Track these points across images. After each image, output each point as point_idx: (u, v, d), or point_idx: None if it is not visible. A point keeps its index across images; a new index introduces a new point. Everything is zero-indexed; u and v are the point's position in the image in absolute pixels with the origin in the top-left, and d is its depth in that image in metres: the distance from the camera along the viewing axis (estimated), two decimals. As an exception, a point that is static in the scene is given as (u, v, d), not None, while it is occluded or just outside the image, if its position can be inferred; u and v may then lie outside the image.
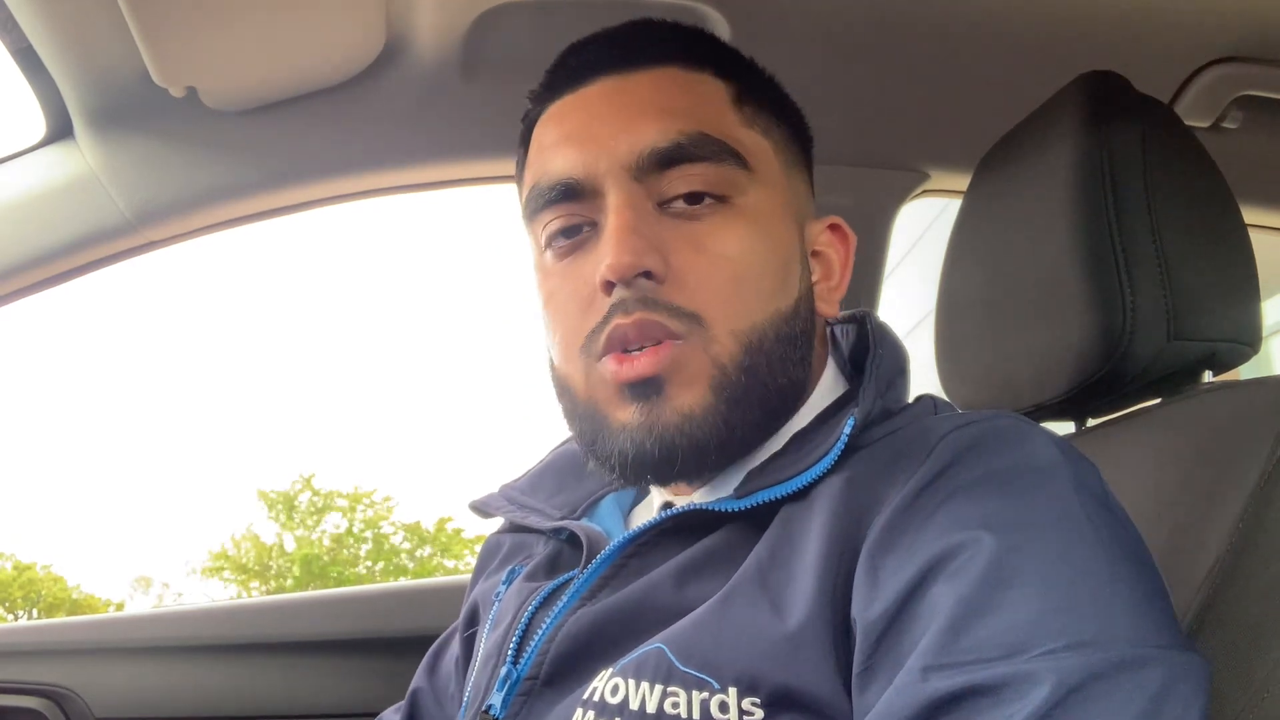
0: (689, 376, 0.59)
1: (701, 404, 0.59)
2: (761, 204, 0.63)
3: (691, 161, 0.61)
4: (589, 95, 0.65)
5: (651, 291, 0.59)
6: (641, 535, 0.62)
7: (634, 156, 0.61)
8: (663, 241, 0.60)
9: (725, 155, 0.62)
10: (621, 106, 0.63)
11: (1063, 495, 0.51)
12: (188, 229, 1.06)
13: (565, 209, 0.63)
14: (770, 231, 0.63)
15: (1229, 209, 0.75)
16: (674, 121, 0.62)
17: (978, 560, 0.47)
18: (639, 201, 0.61)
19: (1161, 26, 0.99)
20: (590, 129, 0.63)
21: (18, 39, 0.91)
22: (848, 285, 0.69)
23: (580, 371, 0.62)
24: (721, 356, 0.60)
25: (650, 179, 0.61)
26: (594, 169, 0.62)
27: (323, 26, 0.93)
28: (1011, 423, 0.56)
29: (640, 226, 0.60)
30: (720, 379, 0.59)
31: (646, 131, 0.61)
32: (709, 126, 0.62)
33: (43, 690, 1.21)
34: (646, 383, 0.59)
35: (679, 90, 0.64)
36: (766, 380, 0.61)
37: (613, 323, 0.59)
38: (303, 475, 16.92)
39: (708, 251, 0.61)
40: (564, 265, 0.64)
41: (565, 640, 0.59)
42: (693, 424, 0.59)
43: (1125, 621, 0.45)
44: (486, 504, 0.77)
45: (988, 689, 0.43)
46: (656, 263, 0.59)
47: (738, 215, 0.62)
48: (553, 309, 0.65)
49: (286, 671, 1.26)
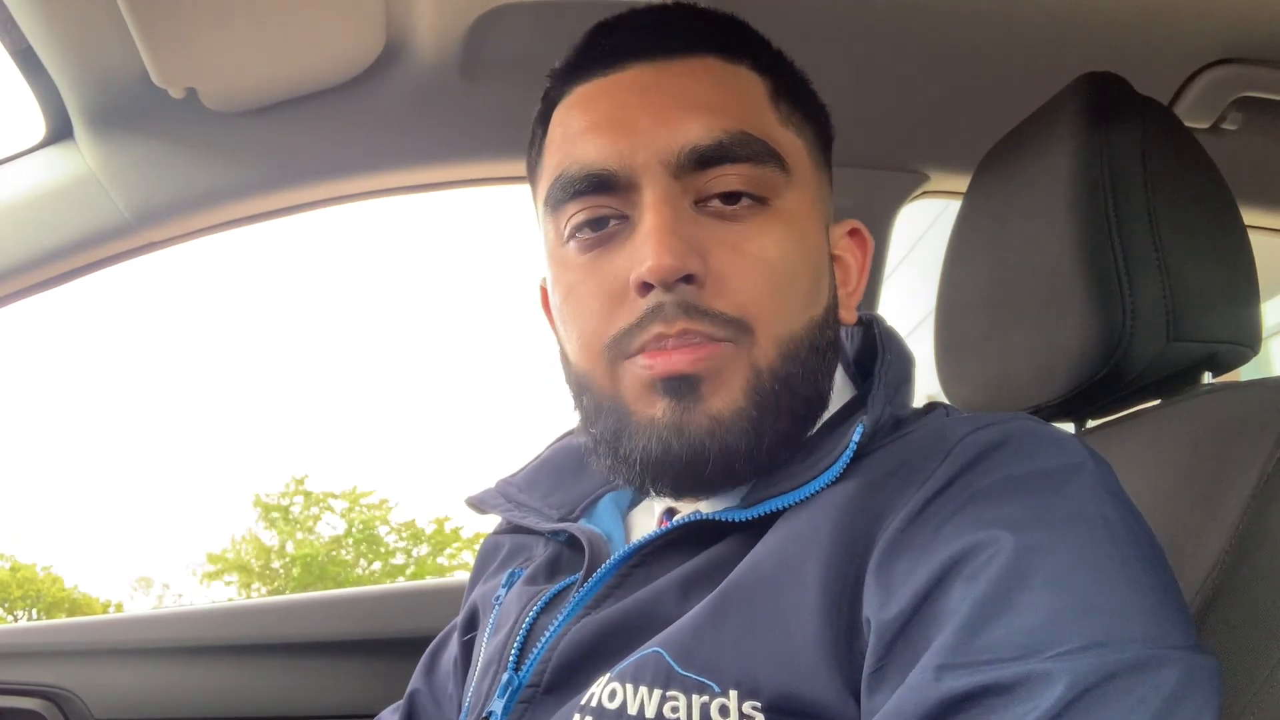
0: (726, 379, 0.57)
1: (733, 410, 0.57)
2: (797, 206, 0.61)
3: (733, 161, 0.59)
4: (622, 81, 0.62)
5: (692, 296, 0.57)
6: (647, 545, 0.61)
7: (673, 152, 0.58)
8: (701, 242, 0.58)
9: (766, 156, 0.60)
10: (659, 96, 0.60)
11: (1082, 497, 0.50)
12: (187, 230, 1.06)
13: (595, 200, 0.60)
14: (805, 236, 0.62)
15: (1229, 210, 0.75)
16: (717, 118, 0.59)
17: (994, 562, 0.47)
18: (676, 199, 0.58)
19: (1161, 27, 0.99)
20: (626, 117, 0.60)
21: (17, 40, 0.91)
22: (863, 291, 0.68)
23: (604, 369, 0.60)
24: (761, 363, 0.58)
25: (688, 176, 0.59)
26: (630, 161, 0.59)
27: (322, 28, 0.93)
28: (1029, 425, 0.55)
29: (679, 226, 0.57)
30: (756, 385, 0.58)
31: (688, 127, 0.59)
32: (750, 125, 0.60)
33: (42, 691, 1.21)
34: (682, 380, 0.57)
35: (718, 84, 0.61)
36: (799, 390, 0.60)
37: (653, 329, 0.57)
38: (295, 478, 16.82)
39: (748, 254, 0.58)
40: (589, 259, 0.61)
41: (568, 649, 0.58)
42: (723, 428, 0.57)
43: (1141, 622, 0.45)
44: (483, 500, 0.76)
45: (1002, 688, 0.43)
46: (698, 265, 0.57)
47: (775, 217, 0.60)
48: (573, 304, 0.62)
49: (286, 672, 1.26)
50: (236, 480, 27.31)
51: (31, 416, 27.70)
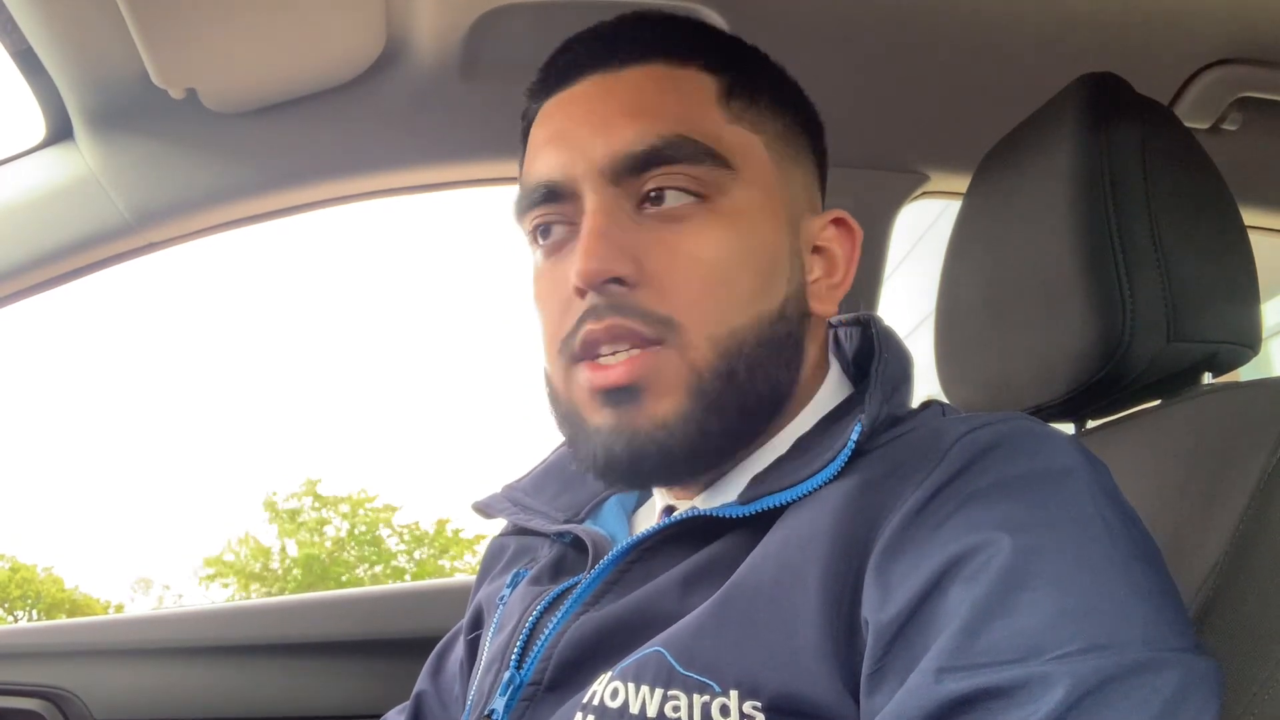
0: (665, 384, 0.59)
1: (677, 411, 0.59)
2: (745, 203, 0.62)
3: (669, 164, 0.60)
4: (575, 95, 0.65)
5: (623, 297, 0.59)
6: (645, 541, 0.61)
7: (609, 160, 0.60)
8: (638, 245, 0.60)
9: (703, 156, 0.61)
10: (601, 108, 0.63)
11: (1079, 498, 0.50)
12: (188, 230, 1.06)
13: (546, 209, 0.63)
14: (753, 231, 0.62)
15: (1229, 211, 0.75)
16: (651, 123, 0.61)
17: (993, 563, 0.47)
18: (615, 205, 0.61)
19: (1161, 28, 0.99)
20: (570, 131, 0.63)
21: (18, 41, 0.91)
22: (851, 282, 0.68)
23: (560, 372, 0.63)
24: (698, 363, 0.59)
25: (627, 181, 0.61)
26: (572, 172, 0.61)
27: (323, 28, 0.93)
28: (1026, 425, 0.55)
29: (612, 231, 0.59)
30: (697, 385, 0.59)
31: (623, 134, 0.61)
32: (689, 127, 0.61)
33: (42, 692, 1.21)
34: (621, 391, 0.59)
35: (660, 89, 0.63)
36: (746, 386, 0.60)
37: (585, 328, 0.59)
38: (309, 480, 16.85)
39: (684, 254, 0.60)
40: (547, 266, 0.64)
41: (568, 646, 0.59)
42: (664, 431, 0.59)
43: (1141, 625, 0.45)
44: (489, 505, 0.77)
45: (1002, 691, 0.43)
46: (627, 268, 0.59)
47: (717, 216, 0.61)
48: (539, 310, 0.65)
49: (287, 673, 1.26)
50: (237, 481, 27.33)
51: (33, 417, 27.71)
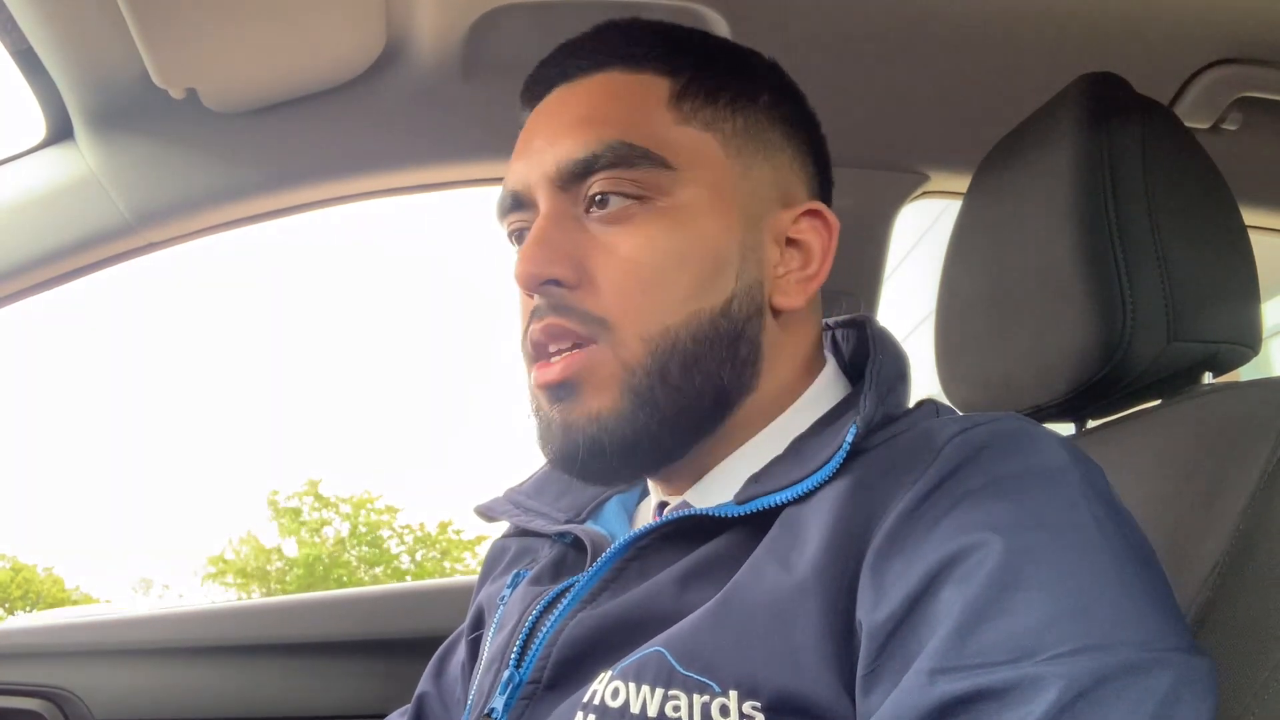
0: (600, 381, 0.61)
1: (610, 407, 0.61)
2: (690, 202, 0.63)
3: (607, 169, 0.62)
4: (542, 108, 0.68)
5: (562, 298, 0.61)
6: (641, 539, 0.61)
7: (555, 168, 0.63)
8: (580, 247, 0.62)
9: (640, 159, 0.62)
10: (557, 119, 0.66)
11: (1070, 499, 0.50)
12: (188, 230, 1.06)
13: (513, 217, 0.67)
14: (695, 229, 0.62)
15: (1229, 210, 0.75)
16: (594, 131, 0.63)
17: (986, 564, 0.47)
18: (562, 210, 0.63)
19: (1161, 28, 0.99)
20: (530, 143, 0.66)
21: (18, 40, 0.91)
22: (827, 274, 0.67)
23: (526, 369, 0.66)
24: (630, 360, 0.60)
25: (573, 188, 0.63)
26: (528, 180, 0.65)
27: (323, 28, 0.93)
28: (1017, 425, 0.56)
29: (554, 235, 0.62)
30: (629, 382, 0.60)
31: (568, 144, 0.63)
32: (631, 132, 0.63)
33: (42, 692, 1.21)
34: (559, 386, 0.62)
35: (610, 96, 0.65)
36: (681, 383, 0.61)
37: (530, 327, 0.63)
38: (310, 480, 16.84)
39: (616, 255, 0.62)
40: None
41: (566, 644, 0.59)
42: (596, 426, 0.61)
43: (1134, 625, 0.45)
44: (491, 508, 0.77)
45: (995, 692, 0.43)
46: (564, 271, 0.61)
47: (657, 216, 0.62)
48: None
49: (287, 673, 1.26)
50: (238, 481, 27.34)
51: (33, 417, 27.73)
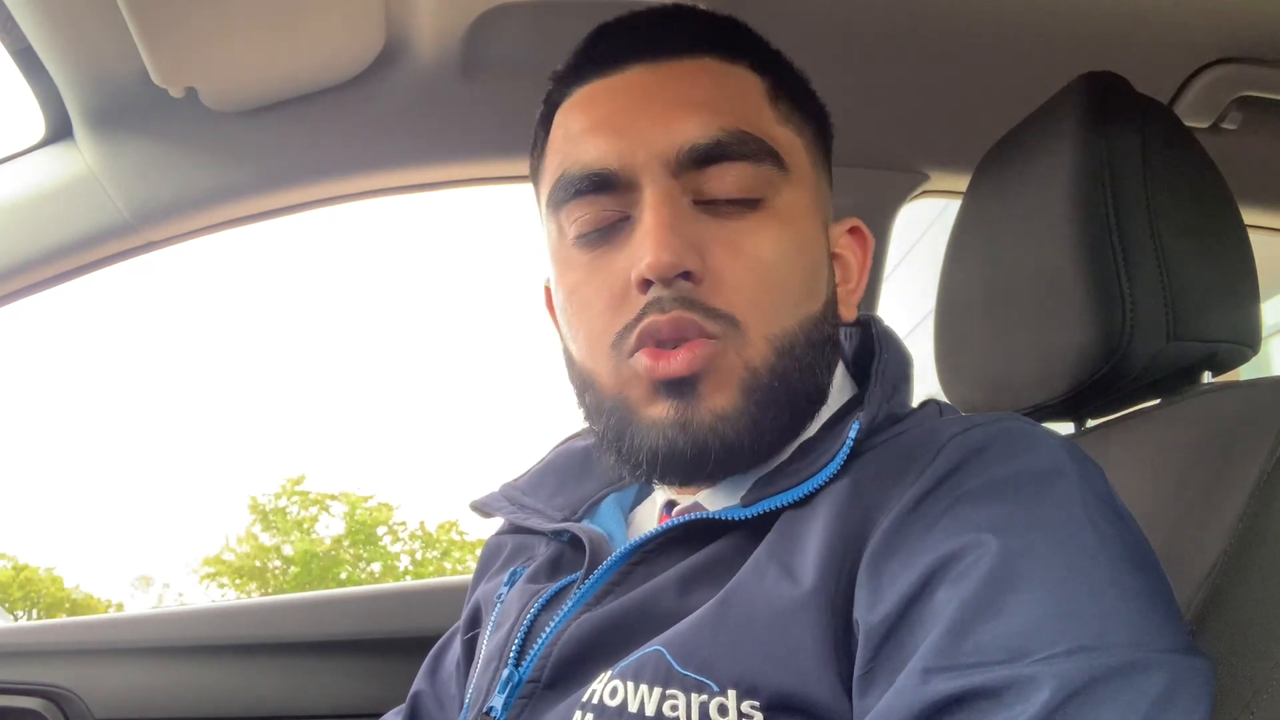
0: (722, 378, 0.59)
1: (734, 406, 0.59)
2: (794, 205, 0.62)
3: (731, 159, 0.60)
4: (623, 82, 0.63)
5: (689, 292, 0.58)
6: (648, 542, 0.61)
7: (673, 151, 0.59)
8: (699, 240, 0.59)
9: (764, 155, 0.61)
10: (659, 97, 0.61)
11: (1068, 499, 0.50)
12: (187, 229, 1.06)
13: (596, 200, 0.61)
14: (802, 234, 0.63)
15: (1228, 209, 0.75)
16: (714, 117, 0.60)
17: (982, 564, 0.47)
18: (676, 198, 0.60)
19: (1161, 27, 0.99)
20: (625, 118, 0.61)
21: (17, 39, 0.91)
22: (864, 290, 0.69)
23: (609, 367, 0.61)
24: (754, 360, 0.59)
25: (687, 175, 0.60)
26: (630, 160, 0.60)
27: (322, 27, 0.93)
28: (1017, 425, 0.56)
29: (678, 224, 0.59)
30: (752, 382, 0.59)
31: (686, 126, 0.60)
32: (748, 123, 0.61)
33: (42, 691, 1.21)
34: (681, 381, 0.58)
35: (716, 83, 0.62)
36: (796, 385, 0.61)
37: (648, 318, 0.58)
38: (290, 479, 16.75)
39: (743, 253, 0.59)
40: (591, 258, 0.62)
41: (568, 645, 0.59)
42: (725, 424, 0.58)
43: (1129, 625, 0.45)
44: (487, 504, 0.77)
45: (988, 692, 0.43)
46: (695, 263, 0.58)
47: (772, 216, 0.61)
48: (577, 303, 0.63)
49: (286, 672, 1.26)
50: (239, 479, 27.34)
51: (32, 417, 27.71)
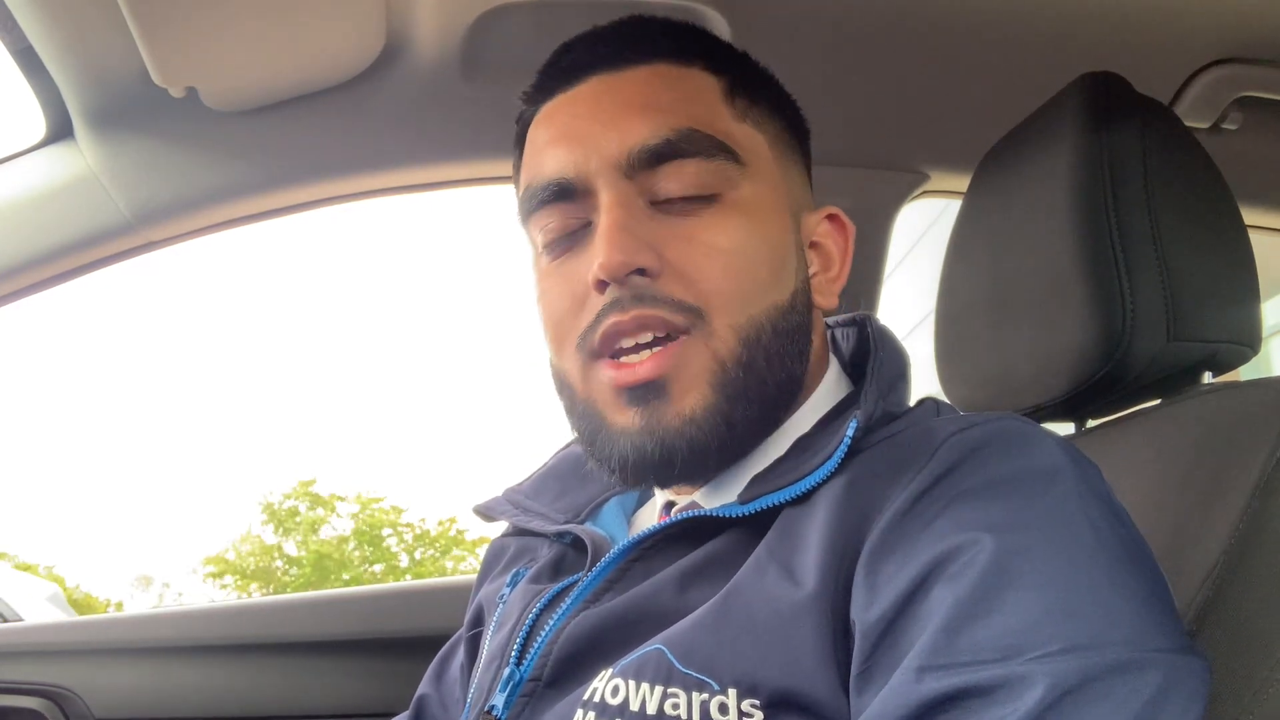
0: (691, 376, 0.59)
1: (703, 405, 0.59)
2: (754, 198, 0.63)
3: (683, 158, 0.61)
4: (580, 94, 0.65)
5: (647, 287, 0.59)
6: (645, 540, 0.62)
7: (624, 154, 0.61)
8: (656, 237, 0.60)
9: (716, 151, 0.62)
10: (611, 104, 0.63)
11: (1065, 499, 0.50)
12: (188, 229, 1.06)
13: (558, 209, 0.63)
14: (764, 225, 0.63)
15: (1229, 210, 0.75)
16: (664, 118, 0.62)
17: (977, 563, 0.47)
18: (630, 199, 0.61)
19: (1161, 27, 0.99)
20: (580, 128, 0.63)
21: (18, 39, 0.91)
22: (848, 276, 0.69)
23: (577, 369, 0.63)
24: (721, 352, 0.60)
25: (642, 176, 0.61)
26: (585, 168, 0.62)
27: (323, 27, 0.93)
28: (1014, 425, 0.56)
29: (632, 224, 0.60)
30: (721, 375, 0.60)
31: (636, 129, 0.61)
32: (699, 122, 0.62)
33: (43, 690, 1.21)
34: (648, 386, 0.59)
35: (668, 86, 0.64)
36: (765, 376, 0.61)
37: (608, 320, 0.59)
38: (301, 481, 16.74)
39: (702, 243, 0.61)
40: (558, 264, 0.64)
41: (568, 642, 0.59)
42: (694, 426, 0.59)
43: (1123, 625, 0.45)
44: (490, 508, 0.77)
45: (982, 690, 0.43)
46: (650, 259, 0.59)
47: (731, 209, 0.62)
48: (545, 307, 0.65)
49: (287, 672, 1.26)
50: (239, 479, 27.35)
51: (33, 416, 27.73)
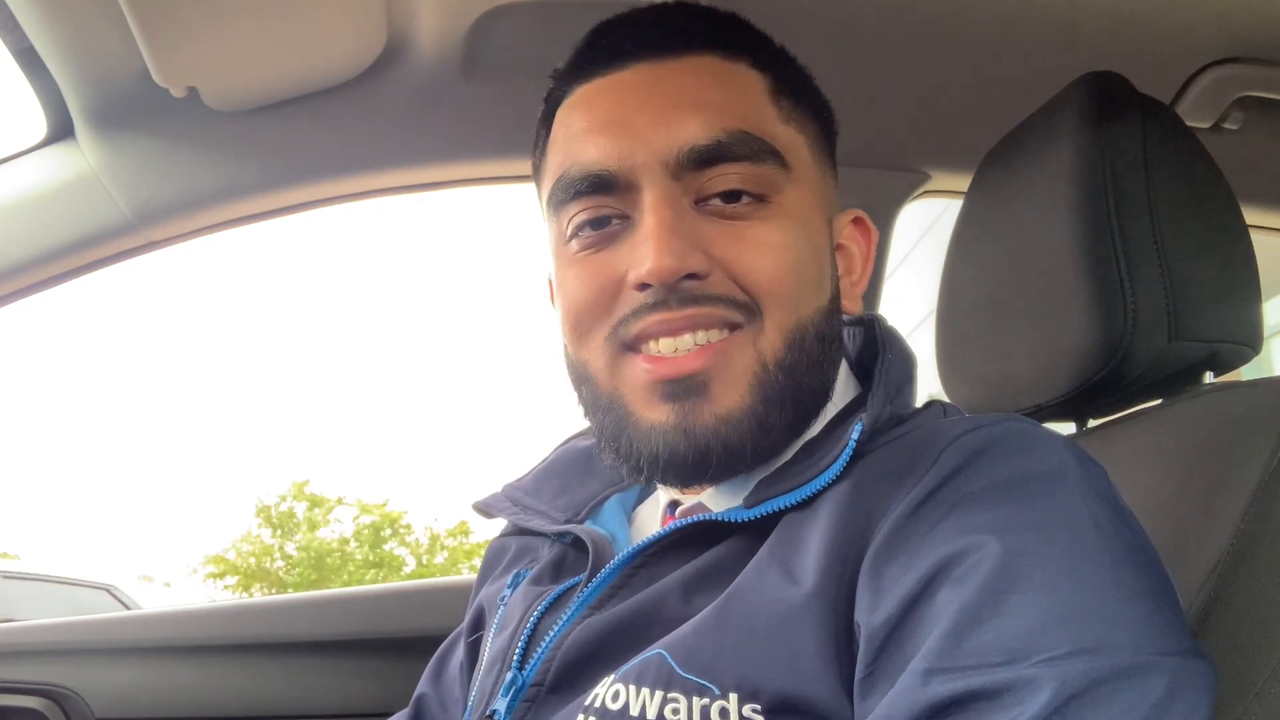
0: (734, 376, 0.58)
1: (740, 406, 0.58)
2: (798, 201, 0.62)
3: (732, 161, 0.59)
4: (624, 81, 0.62)
5: (698, 289, 0.58)
6: (650, 546, 0.61)
7: (673, 152, 0.59)
8: (703, 237, 0.59)
9: (766, 155, 0.60)
10: (659, 96, 0.60)
11: (1070, 501, 0.50)
12: (189, 229, 1.06)
13: (596, 200, 0.61)
14: (807, 228, 0.62)
15: (1230, 210, 0.75)
16: (715, 117, 0.60)
17: (983, 565, 0.47)
18: (676, 198, 0.59)
19: (1162, 27, 0.99)
20: (625, 118, 0.60)
21: (19, 39, 0.91)
22: (868, 281, 0.69)
23: (604, 361, 0.61)
24: (766, 353, 0.59)
25: (688, 176, 0.59)
26: (629, 161, 0.59)
27: (323, 27, 0.93)
28: (1019, 427, 0.55)
29: (679, 226, 0.58)
30: (762, 377, 0.58)
31: (686, 126, 0.59)
32: (749, 123, 0.60)
33: (43, 690, 1.21)
34: (689, 381, 0.58)
35: (718, 82, 0.62)
36: (802, 381, 0.60)
37: (653, 317, 0.58)
38: (295, 483, 16.62)
39: (753, 243, 0.59)
40: (589, 255, 0.62)
41: (572, 648, 0.58)
42: (728, 426, 0.58)
43: (1130, 628, 0.45)
44: (490, 505, 0.77)
45: (988, 694, 0.43)
46: (699, 262, 0.58)
47: (776, 213, 0.60)
48: (568, 295, 0.63)
49: (287, 672, 1.26)
50: (240, 479, 27.34)
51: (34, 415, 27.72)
